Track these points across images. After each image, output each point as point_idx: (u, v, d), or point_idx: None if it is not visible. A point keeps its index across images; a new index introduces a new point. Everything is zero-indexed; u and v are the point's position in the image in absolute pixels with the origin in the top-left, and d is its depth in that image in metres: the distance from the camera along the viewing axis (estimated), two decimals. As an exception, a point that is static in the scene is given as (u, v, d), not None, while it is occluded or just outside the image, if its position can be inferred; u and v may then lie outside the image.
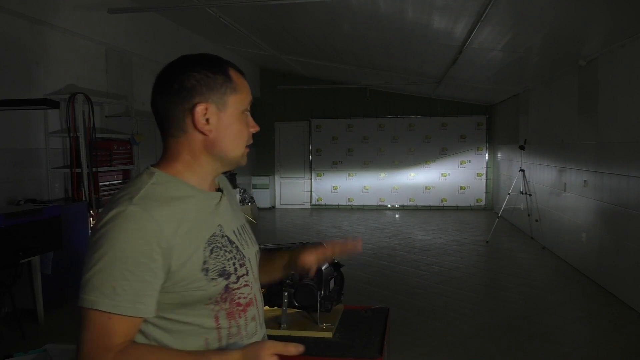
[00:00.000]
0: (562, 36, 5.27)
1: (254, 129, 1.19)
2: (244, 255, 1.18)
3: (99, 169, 5.21)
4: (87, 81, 5.56)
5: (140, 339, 1.07)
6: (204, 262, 1.07)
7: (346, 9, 5.53)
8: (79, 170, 4.99)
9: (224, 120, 1.12)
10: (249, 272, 1.19)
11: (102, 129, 5.70)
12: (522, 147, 7.68)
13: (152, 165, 1.14)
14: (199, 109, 1.09)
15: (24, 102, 4.34)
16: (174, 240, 1.02)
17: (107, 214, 1.02)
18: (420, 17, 5.43)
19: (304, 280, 2.04)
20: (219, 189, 1.23)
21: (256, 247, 1.30)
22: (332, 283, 2.13)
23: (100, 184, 5.24)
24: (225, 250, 1.13)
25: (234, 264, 1.14)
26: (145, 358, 1.00)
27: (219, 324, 1.11)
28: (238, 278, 1.14)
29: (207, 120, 1.10)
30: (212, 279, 1.08)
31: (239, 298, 1.15)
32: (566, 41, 5.40)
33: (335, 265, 2.20)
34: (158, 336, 1.07)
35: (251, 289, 1.19)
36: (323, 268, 2.06)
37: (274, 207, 11.85)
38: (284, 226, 9.58)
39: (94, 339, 0.98)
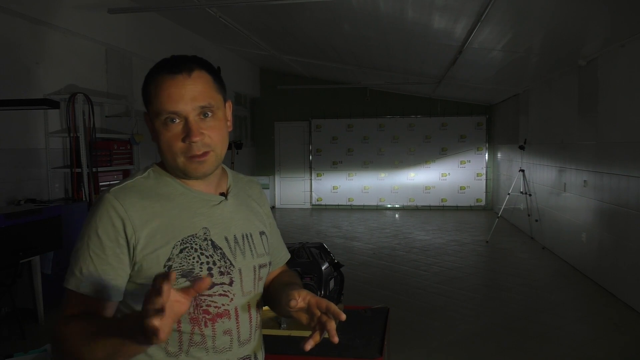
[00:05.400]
0: (562, 36, 5.27)
1: (189, 138, 1.07)
2: (231, 264, 1.14)
3: (99, 169, 5.21)
4: (87, 81, 5.56)
5: None
6: (169, 259, 1.07)
7: (346, 9, 5.53)
8: (79, 170, 5.00)
9: (155, 129, 1.11)
10: (234, 283, 1.14)
11: (102, 129, 5.70)
12: (522, 147, 7.68)
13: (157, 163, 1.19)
14: (145, 117, 1.16)
15: (24, 102, 4.34)
16: (141, 231, 1.06)
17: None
18: (420, 17, 5.43)
19: (303, 281, 2.04)
20: (223, 193, 1.20)
21: (261, 261, 1.23)
22: (332, 283, 2.13)
23: (100, 184, 5.24)
24: (201, 253, 1.10)
25: (209, 269, 1.10)
26: (74, 333, 0.99)
27: (180, 327, 1.08)
28: (212, 285, 1.11)
29: (150, 127, 1.15)
30: None
31: (208, 306, 1.11)
32: (566, 41, 5.40)
33: (335, 265, 2.20)
34: None
35: (230, 300, 1.14)
36: (323, 268, 2.06)
37: (274, 207, 11.85)
38: (284, 226, 9.56)
39: (64, 311, 1.06)
